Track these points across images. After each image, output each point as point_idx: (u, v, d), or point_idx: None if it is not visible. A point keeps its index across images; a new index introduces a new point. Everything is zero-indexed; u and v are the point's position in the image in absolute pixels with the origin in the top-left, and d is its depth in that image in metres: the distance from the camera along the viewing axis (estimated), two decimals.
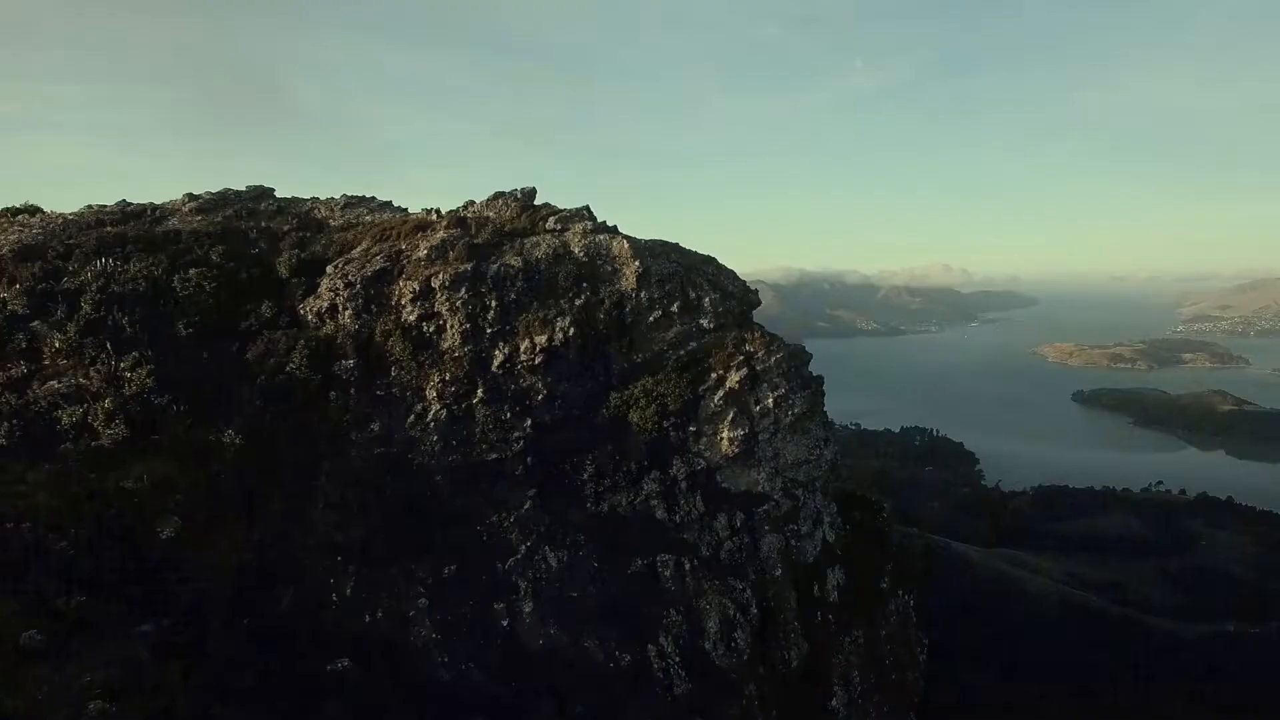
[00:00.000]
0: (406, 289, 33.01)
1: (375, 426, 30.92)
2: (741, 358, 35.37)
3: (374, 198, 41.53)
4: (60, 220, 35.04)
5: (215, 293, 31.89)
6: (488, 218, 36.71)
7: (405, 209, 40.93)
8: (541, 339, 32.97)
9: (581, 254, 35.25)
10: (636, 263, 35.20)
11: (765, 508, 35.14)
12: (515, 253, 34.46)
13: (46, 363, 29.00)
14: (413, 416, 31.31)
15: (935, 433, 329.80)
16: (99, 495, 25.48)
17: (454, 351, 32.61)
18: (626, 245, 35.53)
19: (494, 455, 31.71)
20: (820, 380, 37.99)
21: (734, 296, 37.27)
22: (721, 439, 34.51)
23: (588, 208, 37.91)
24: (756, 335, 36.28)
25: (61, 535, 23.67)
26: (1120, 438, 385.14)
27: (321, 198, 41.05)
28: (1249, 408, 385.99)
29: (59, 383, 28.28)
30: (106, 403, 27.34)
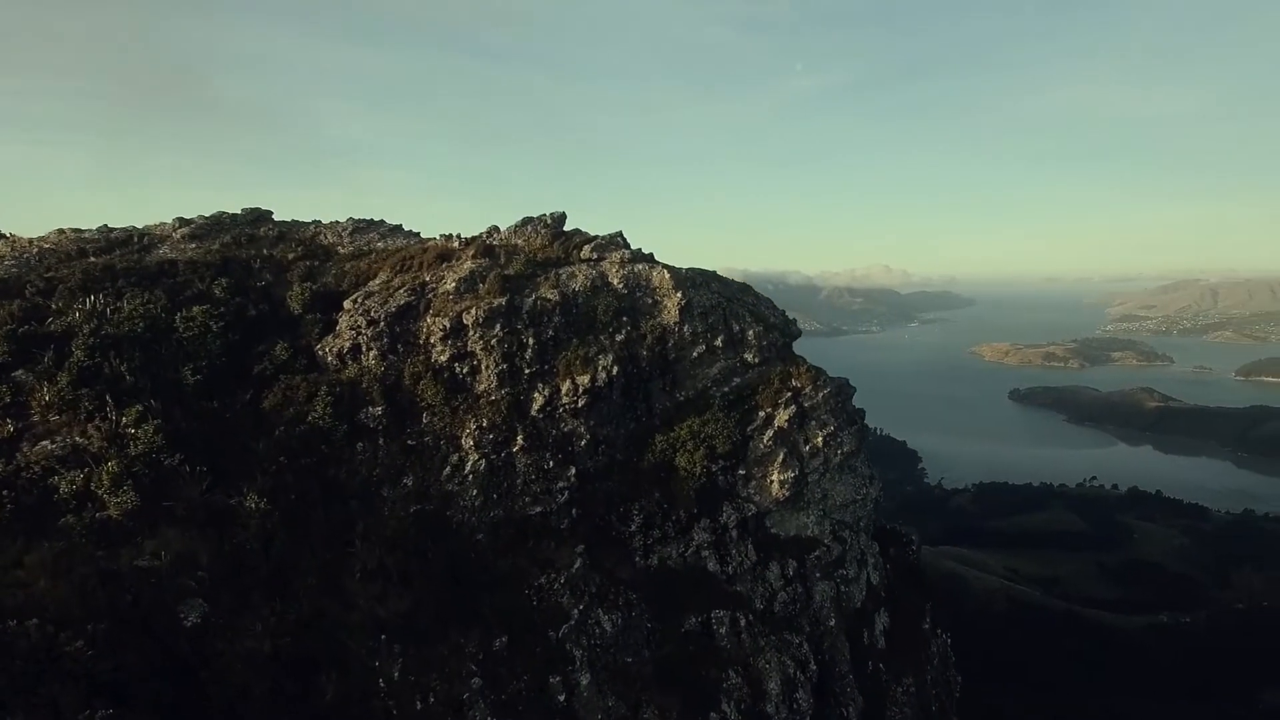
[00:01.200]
0: (436, 326, 30.10)
1: (409, 481, 27.99)
2: (789, 394, 33.30)
3: (383, 221, 38.35)
4: (35, 250, 31.19)
5: (223, 333, 28.59)
6: (516, 246, 33.94)
7: (417, 233, 37.90)
8: (583, 379, 30.39)
9: (620, 285, 32.74)
10: (678, 294, 32.85)
11: (816, 554, 33.16)
12: (550, 285, 31.78)
13: (35, 419, 25.40)
14: (449, 468, 28.46)
15: (879, 432, 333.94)
16: (111, 578, 22.14)
17: (490, 395, 29.84)
18: (667, 275, 33.14)
19: (538, 509, 29.05)
20: (862, 414, 36.12)
21: (776, 328, 35.17)
22: (771, 482, 32.37)
23: (621, 234, 35.42)
24: (803, 369, 34.23)
25: (75, 633, 20.39)
26: (1055, 434, 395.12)
27: (324, 220, 37.72)
28: (1174, 404, 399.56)
29: (52, 443, 24.75)
30: (111, 466, 23.90)
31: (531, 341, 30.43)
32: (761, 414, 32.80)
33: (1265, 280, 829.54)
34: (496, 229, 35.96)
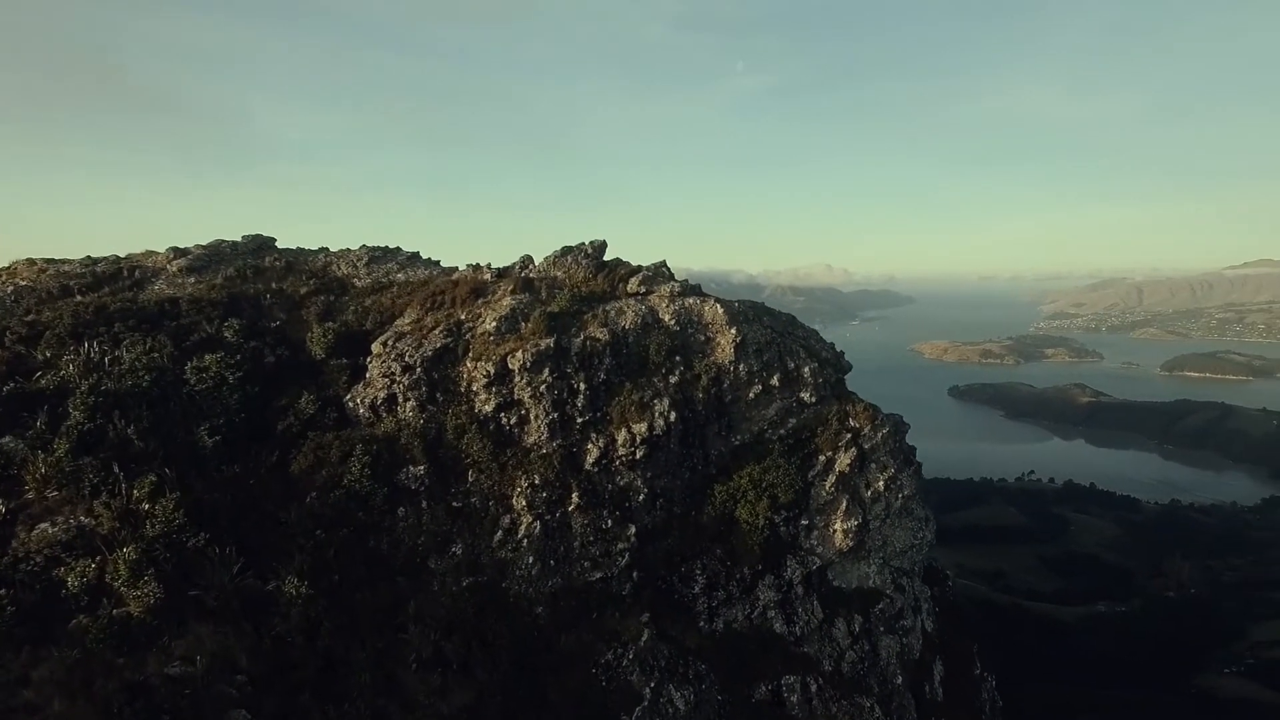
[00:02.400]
0: (478, 371, 27.09)
1: (458, 549, 24.99)
2: (849, 435, 31.07)
3: (399, 249, 34.96)
4: (10, 288, 27.22)
5: (240, 384, 25.18)
6: (556, 279, 31.00)
7: (437, 261, 34.64)
8: (640, 428, 27.70)
9: (672, 322, 30.10)
10: (732, 330, 30.34)
11: (880, 606, 31.07)
12: (599, 323, 28.99)
13: (30, 496, 21.74)
14: (500, 532, 25.53)
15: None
16: (139, 691, 18.87)
17: (541, 447, 26.97)
18: (720, 310, 30.60)
19: (598, 574, 26.31)
20: (913, 450, 34.11)
21: (829, 363, 32.92)
22: (835, 531, 30.14)
23: (665, 264, 32.75)
24: (859, 407, 32.03)
25: None
26: (994, 430, 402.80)
27: (332, 248, 34.21)
28: (1104, 399, 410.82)
29: (54, 525, 21.17)
30: (128, 552, 20.48)
31: (583, 386, 27.64)
32: (822, 458, 30.52)
33: (1186, 280, 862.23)
34: (530, 259, 32.97)
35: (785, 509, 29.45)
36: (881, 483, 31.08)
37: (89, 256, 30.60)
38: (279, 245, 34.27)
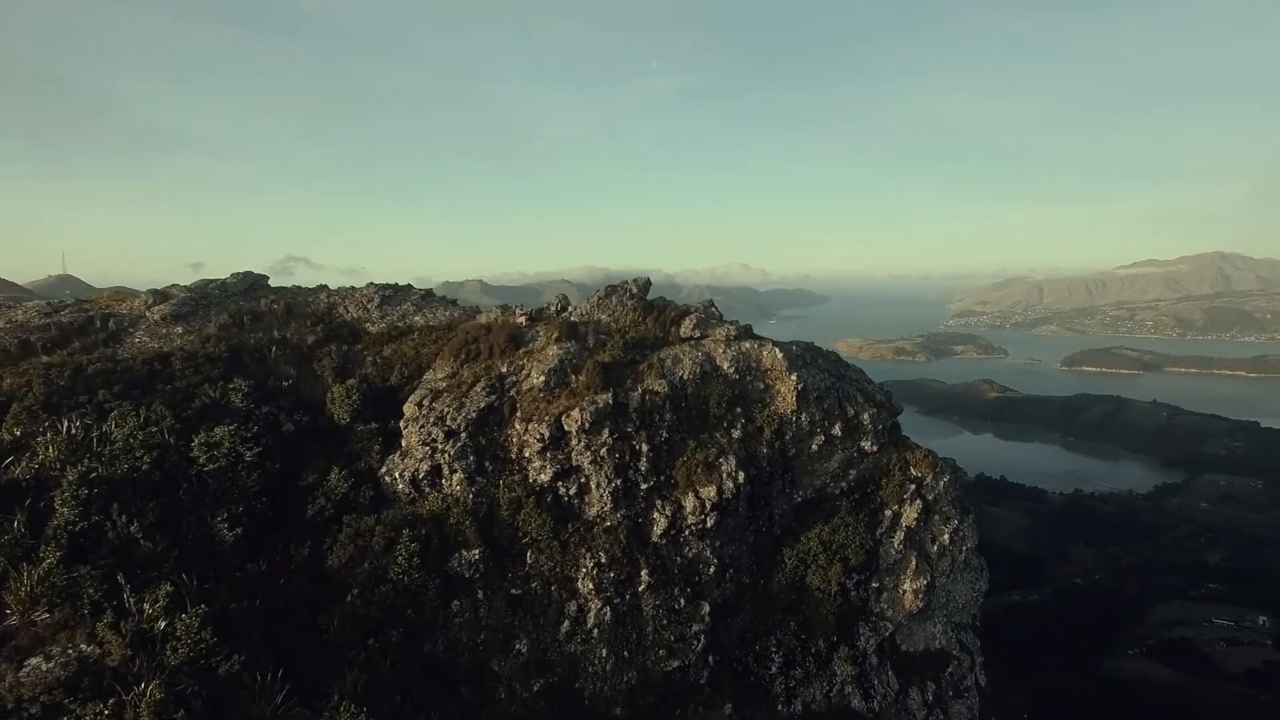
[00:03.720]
0: (531, 435, 23.69)
1: (522, 645, 21.61)
2: (912, 486, 28.82)
3: (409, 287, 31.05)
4: None
5: (259, 461, 21.19)
6: (601, 322, 27.72)
7: (453, 301, 30.89)
8: (708, 491, 24.76)
9: (731, 369, 27.26)
10: (793, 377, 27.69)
11: (950, 670, 28.89)
12: (655, 373, 25.92)
13: (14, 620, 17.46)
14: (567, 622, 22.26)
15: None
16: None
17: (604, 519, 23.76)
18: (779, 355, 27.91)
19: (675, 663, 23.27)
20: (968, 496, 32.13)
21: (884, 406, 30.59)
22: (905, 593, 27.82)
23: (712, 303, 29.87)
24: (919, 454, 29.84)
25: None
26: (909, 426, 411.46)
27: (333, 285, 30.07)
28: (1011, 394, 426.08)
29: (49, 660, 16.94)
30: (151, 690, 16.51)
31: (645, 447, 24.54)
32: (888, 512, 28.17)
33: (1082, 279, 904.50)
34: (564, 299, 29.58)
35: (856, 571, 26.97)
36: (946, 535, 28.94)
37: (48, 303, 25.81)
38: (272, 284, 29.96)
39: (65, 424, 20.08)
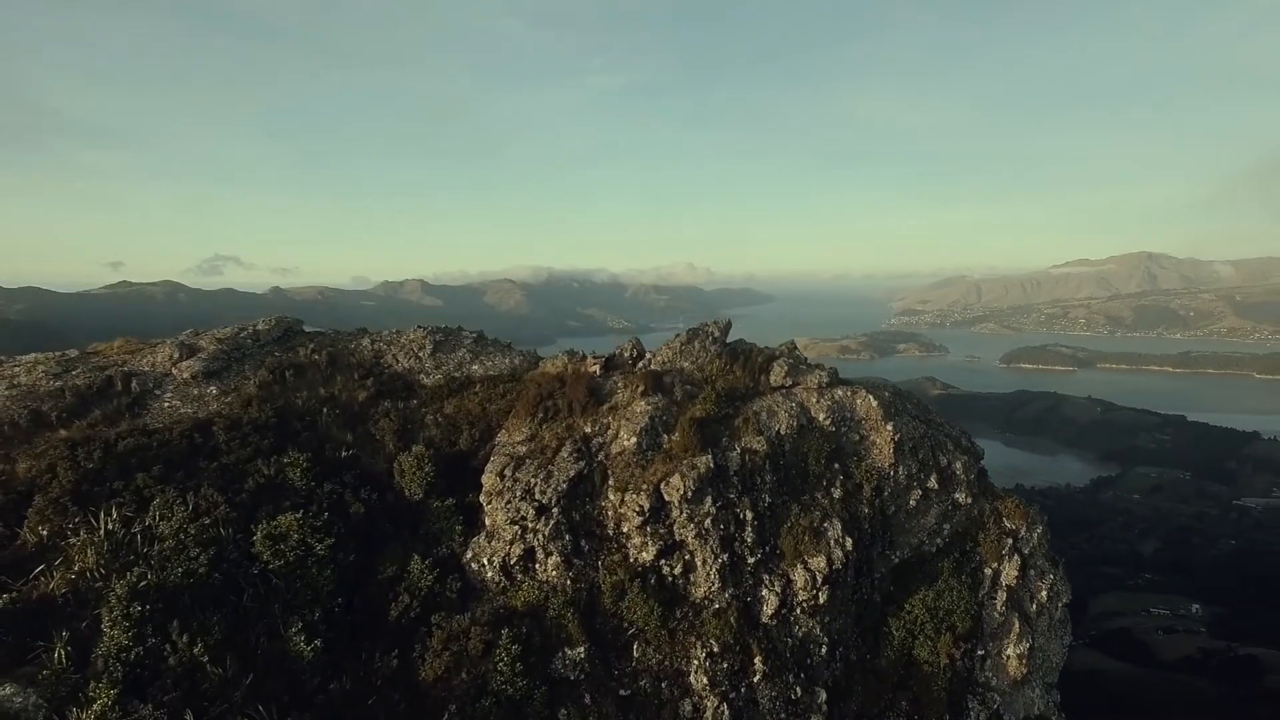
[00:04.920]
0: (629, 507, 20.91)
1: None
2: (1009, 540, 26.76)
3: (460, 329, 27.84)
4: None
5: (331, 554, 18.03)
6: (685, 370, 24.97)
7: (508, 344, 27.78)
8: (817, 562, 22.30)
9: (827, 421, 24.82)
10: (889, 427, 25.39)
11: None
12: (752, 429, 23.33)
13: None
14: None
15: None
16: None
17: (713, 601, 21.09)
18: (874, 403, 25.57)
19: None
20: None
21: (970, 452, 28.50)
22: (1008, 659, 25.73)
23: (793, 344, 27.37)
24: (1011, 504, 27.80)
25: None
26: None
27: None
28: (953, 391, 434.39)
29: None
30: None
31: (749, 515, 21.96)
32: (988, 571, 26.06)
33: (1018, 278, 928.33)
34: (640, 345, 26.72)
35: (962, 639, 24.77)
36: (1044, 592, 26.96)
37: (56, 359, 22.07)
38: (306, 328, 26.56)
39: (102, 519, 16.67)
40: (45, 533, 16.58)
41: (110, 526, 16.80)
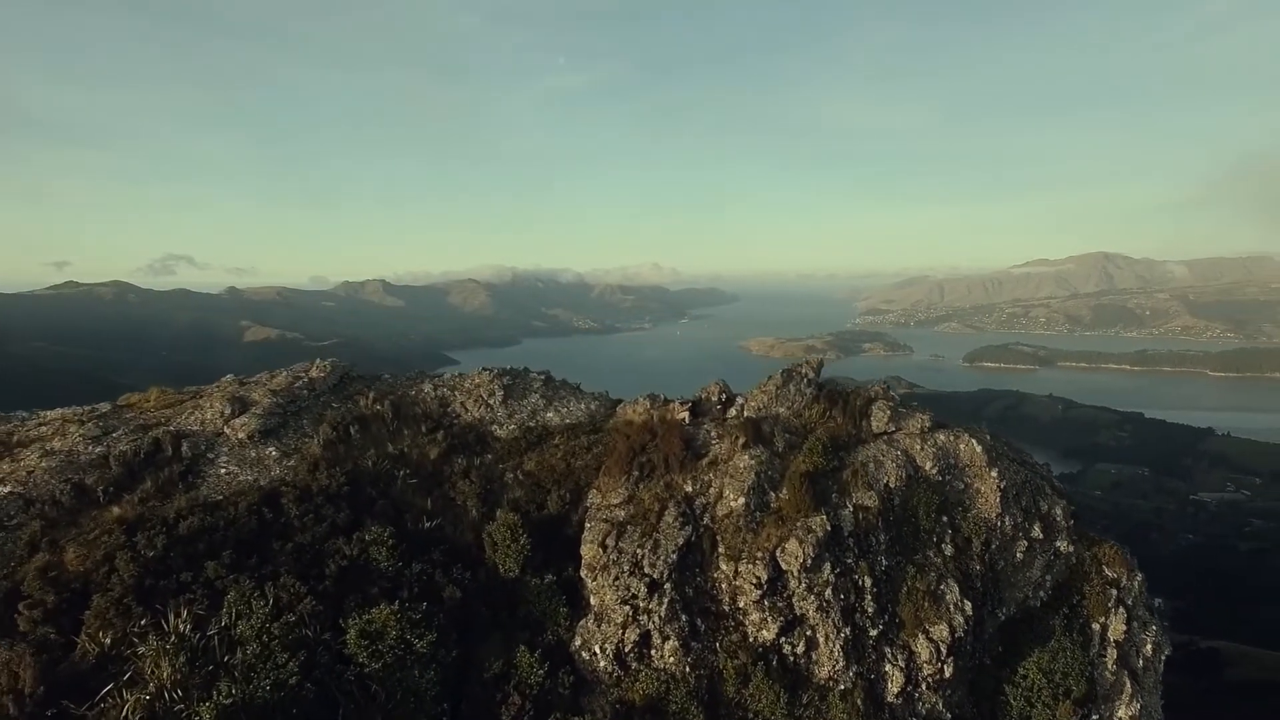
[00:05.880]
0: (745, 579, 18.77)
1: None
2: (1113, 592, 25.05)
3: (526, 369, 25.40)
4: None
5: (431, 653, 15.65)
6: (781, 417, 22.84)
7: (577, 385, 25.45)
8: (939, 630, 20.38)
9: (934, 470, 22.89)
10: (994, 473, 23.55)
11: None
12: (861, 483, 21.31)
13: None
14: None
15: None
16: None
17: (837, 682, 19.01)
18: (978, 449, 23.71)
19: None
20: None
21: (1065, 494, 26.77)
22: None
23: (888, 386, 25.43)
24: (1109, 549, 26.12)
25: None
26: None
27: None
28: (918, 390, 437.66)
29: None
30: None
31: (868, 581, 19.95)
32: (1095, 626, 24.32)
33: (980, 277, 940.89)
34: (725, 386, 24.54)
35: (1080, 704, 23.00)
36: (1149, 646, 25.31)
37: (93, 419, 19.28)
38: (349, 367, 23.96)
39: (172, 621, 14.13)
40: (108, 640, 14.01)
41: (183, 629, 14.25)
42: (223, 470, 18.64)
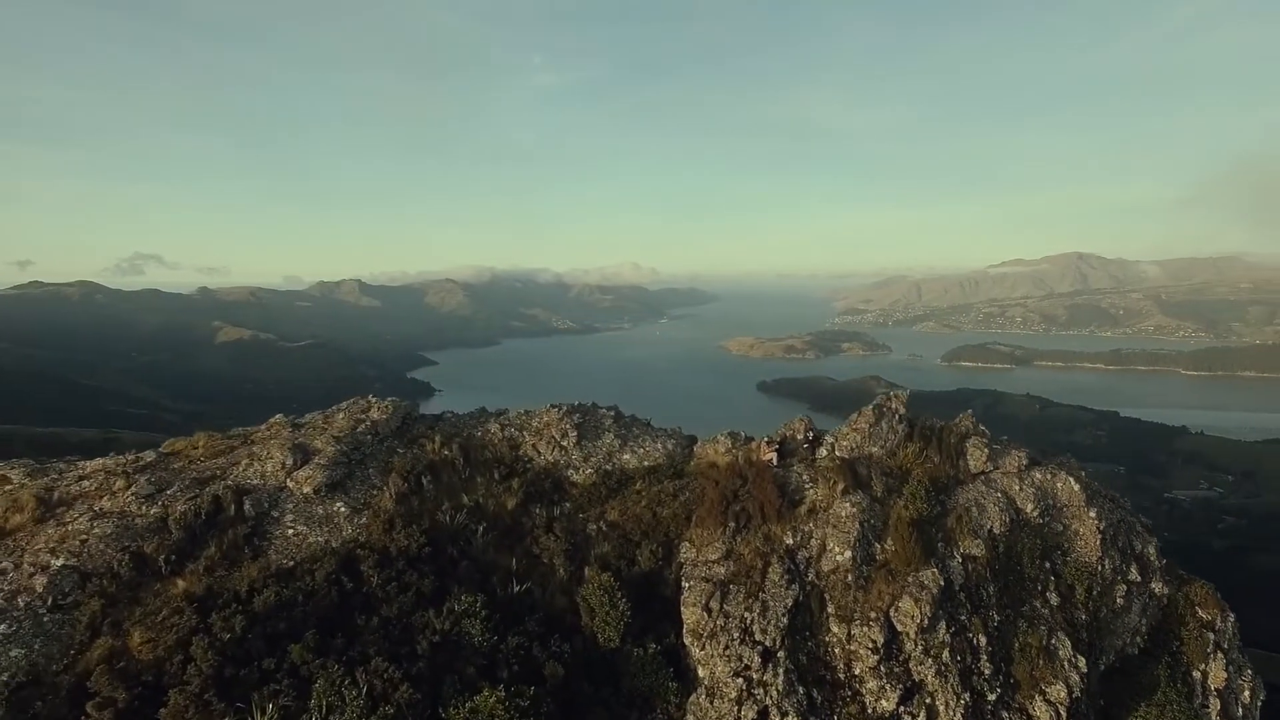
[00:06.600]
0: (860, 643, 17.20)
1: None
2: (1210, 635, 23.78)
3: (594, 404, 23.62)
4: (8, 565, 14.11)
5: None
6: (875, 457, 21.27)
7: (647, 421, 23.72)
8: (1056, 691, 18.91)
9: (1035, 513, 21.44)
10: (1092, 513, 22.19)
11: None
12: (966, 530, 19.84)
13: None
14: None
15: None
16: None
17: None
18: (1076, 488, 22.32)
19: None
20: None
21: (1152, 532, 25.47)
22: None
23: (972, 417, 23.95)
24: (1201, 590, 24.85)
25: None
26: None
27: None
28: (897, 390, 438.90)
29: None
30: None
31: (983, 640, 18.46)
32: (1195, 674, 23.01)
33: (957, 277, 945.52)
34: (810, 423, 22.93)
35: None
36: (1247, 691, 24.07)
37: (124, 461, 17.28)
38: (414, 409, 22.10)
39: (259, 718, 12.33)
40: None
41: None
42: (290, 531, 16.75)
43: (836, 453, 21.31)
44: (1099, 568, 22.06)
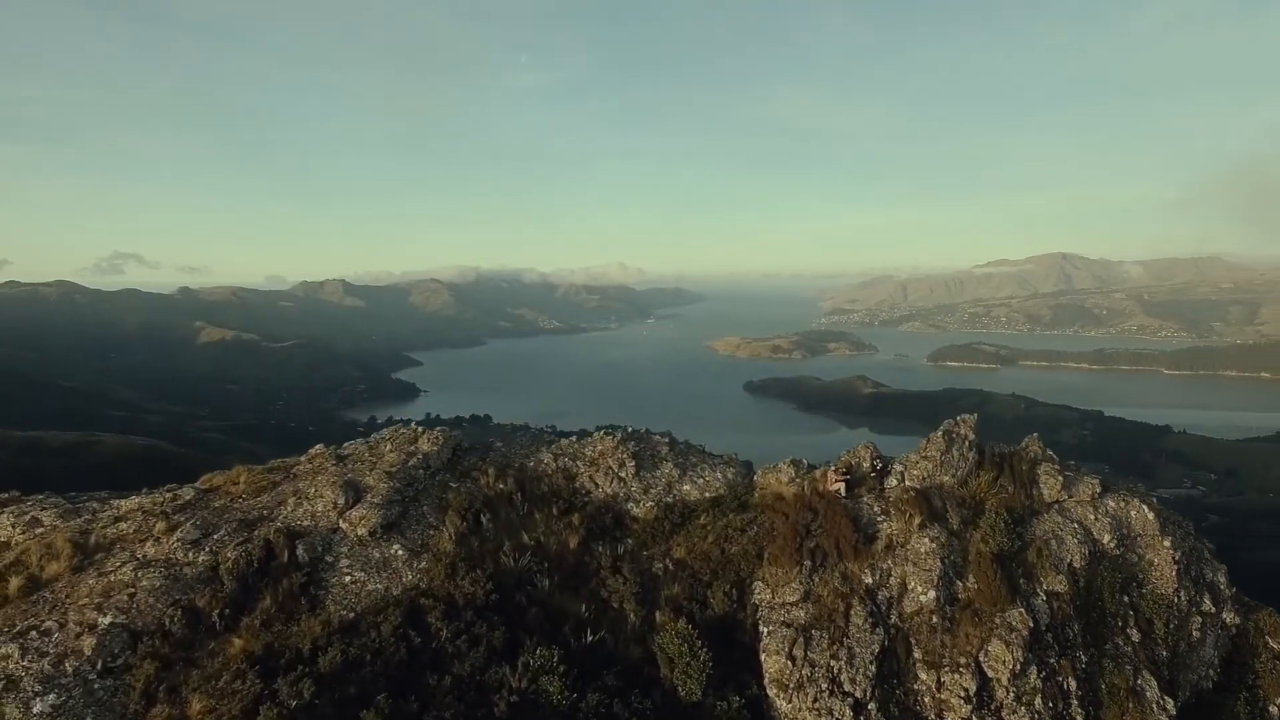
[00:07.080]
0: (951, 692, 16.18)
1: None
2: None
3: (647, 431, 22.32)
4: (54, 622, 12.83)
5: None
6: (947, 486, 20.21)
7: (701, 447, 22.56)
8: None
9: (1112, 544, 20.48)
10: (1167, 542, 21.25)
11: None
12: (1047, 564, 18.86)
13: None
14: None
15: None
16: None
17: None
18: (1150, 516, 21.36)
19: None
20: None
21: (1220, 560, 24.61)
22: None
23: (1039, 442, 22.93)
24: (1269, 617, 23.98)
25: None
26: (788, 422, 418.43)
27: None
28: (884, 390, 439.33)
29: None
30: None
31: (1073, 684, 17.47)
32: (1273, 709, 22.11)
33: (942, 277, 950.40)
34: (875, 450, 21.81)
35: None
36: None
37: (163, 499, 16.04)
38: (465, 438, 20.90)
39: None
40: None
41: None
42: (347, 578, 15.51)
43: (907, 482, 20.24)
44: (1175, 599, 21.15)
